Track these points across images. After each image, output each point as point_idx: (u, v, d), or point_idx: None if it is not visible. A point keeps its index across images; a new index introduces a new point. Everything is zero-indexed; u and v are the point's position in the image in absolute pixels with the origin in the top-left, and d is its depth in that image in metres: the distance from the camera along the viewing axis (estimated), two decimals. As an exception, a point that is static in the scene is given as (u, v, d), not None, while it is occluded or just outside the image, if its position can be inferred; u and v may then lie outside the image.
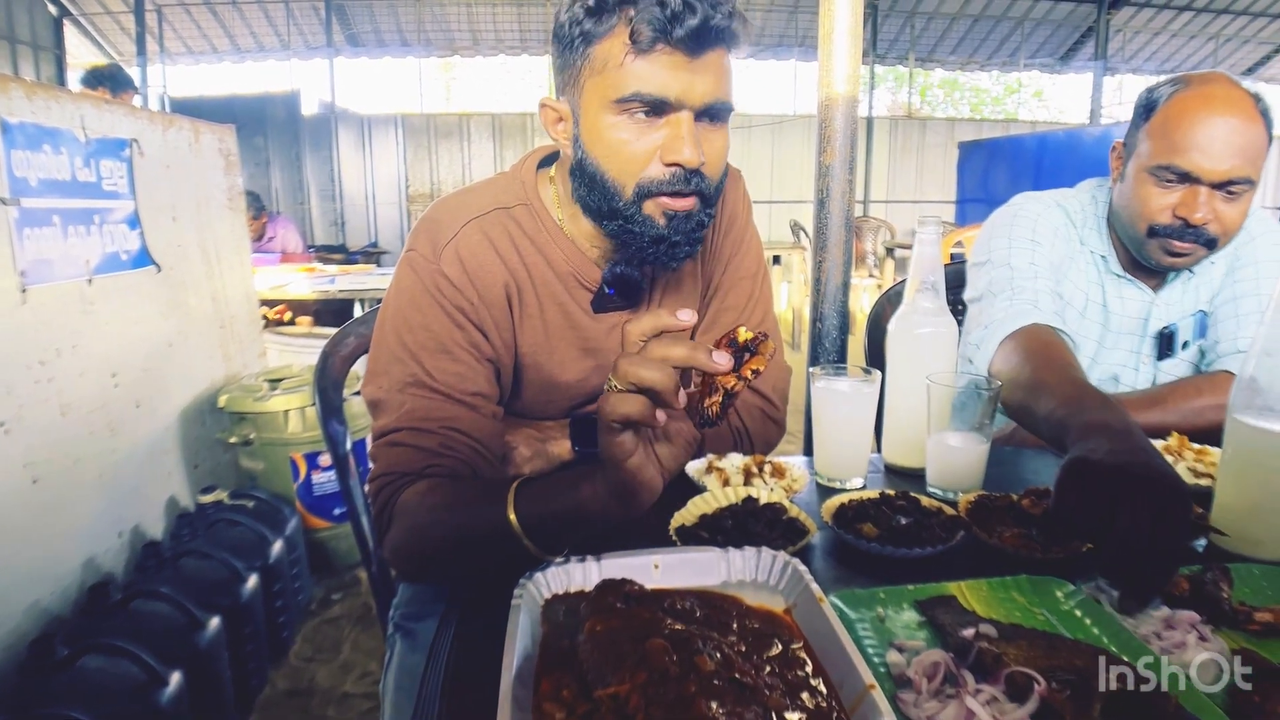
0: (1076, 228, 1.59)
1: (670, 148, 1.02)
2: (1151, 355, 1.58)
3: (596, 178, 1.06)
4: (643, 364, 0.73)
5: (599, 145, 1.04)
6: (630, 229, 1.07)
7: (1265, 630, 0.79)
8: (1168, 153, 1.38)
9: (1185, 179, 1.38)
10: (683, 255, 1.10)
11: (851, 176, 1.64)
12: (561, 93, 1.08)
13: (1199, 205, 1.37)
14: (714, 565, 0.88)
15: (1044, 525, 0.95)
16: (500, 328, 1.12)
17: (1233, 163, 1.34)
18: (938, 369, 1.17)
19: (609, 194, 1.06)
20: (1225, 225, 1.39)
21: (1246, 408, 0.95)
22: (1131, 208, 1.46)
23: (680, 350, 0.73)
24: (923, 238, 1.18)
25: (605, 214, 1.08)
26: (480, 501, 0.94)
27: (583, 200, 1.10)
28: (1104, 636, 0.77)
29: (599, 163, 1.05)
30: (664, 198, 1.05)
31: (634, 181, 1.04)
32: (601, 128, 1.03)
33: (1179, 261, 1.45)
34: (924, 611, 0.82)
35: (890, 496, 1.03)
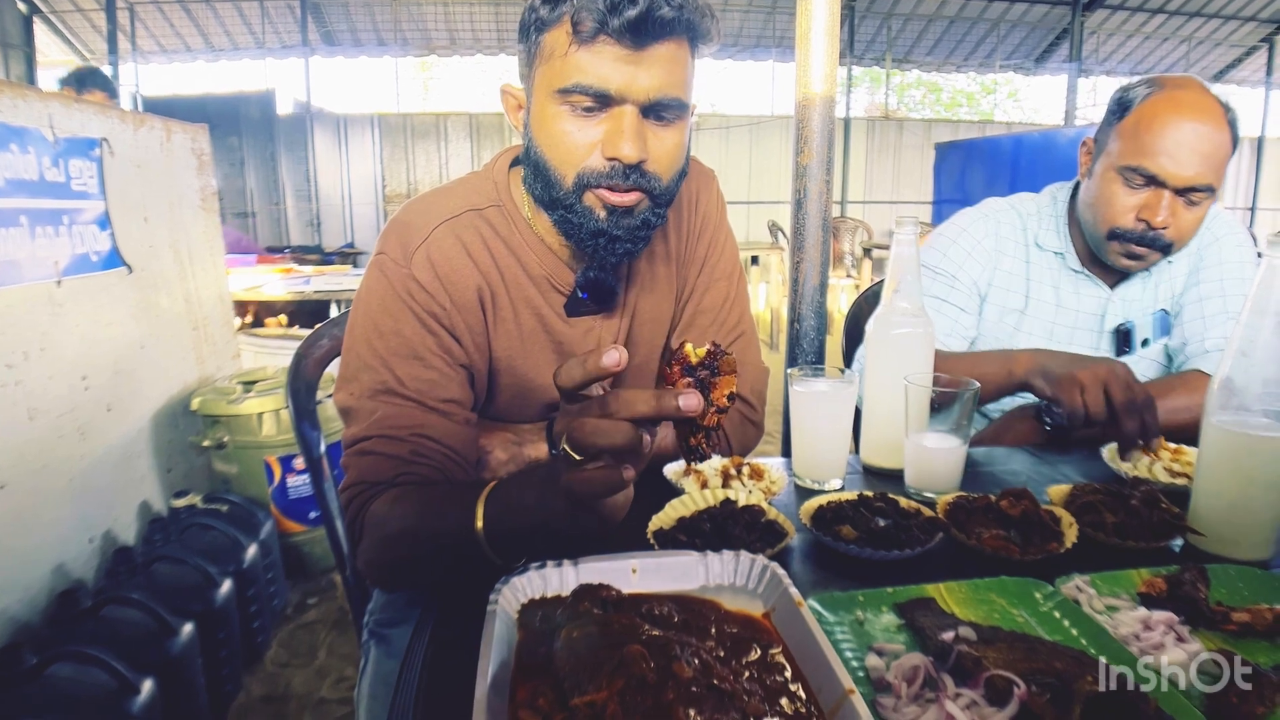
0: (1029, 230, 1.63)
1: (609, 142, 1.00)
2: (1110, 352, 1.60)
3: (540, 165, 1.05)
4: (600, 430, 0.68)
5: (543, 133, 1.04)
6: (570, 219, 1.06)
7: (1242, 630, 0.80)
8: (1137, 154, 1.41)
9: (1151, 182, 1.41)
10: (622, 251, 1.08)
11: (829, 177, 1.64)
12: (522, 80, 1.09)
13: (1161, 209, 1.40)
14: (692, 569, 0.88)
15: (1022, 527, 0.95)
16: (473, 332, 1.10)
17: (1198, 170, 1.37)
18: (915, 369, 1.17)
19: (551, 183, 1.05)
20: (1182, 231, 1.43)
21: (1223, 409, 0.95)
22: (1096, 207, 1.50)
23: (644, 406, 0.68)
24: (900, 238, 1.18)
25: (548, 203, 1.07)
26: (447, 508, 0.92)
27: (530, 188, 1.10)
28: (1082, 638, 0.77)
29: (542, 151, 1.05)
30: (603, 190, 1.03)
31: (574, 172, 1.03)
32: (546, 117, 1.02)
33: (1135, 265, 1.49)
34: (903, 614, 0.82)
35: (869, 498, 1.02)
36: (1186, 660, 0.73)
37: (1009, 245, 1.63)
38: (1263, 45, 13.03)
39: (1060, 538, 0.95)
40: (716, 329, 1.25)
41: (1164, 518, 0.98)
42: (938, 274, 1.63)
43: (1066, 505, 1.03)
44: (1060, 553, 0.93)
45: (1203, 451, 0.99)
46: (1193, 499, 1.01)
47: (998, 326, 1.63)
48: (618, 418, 0.68)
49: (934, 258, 1.65)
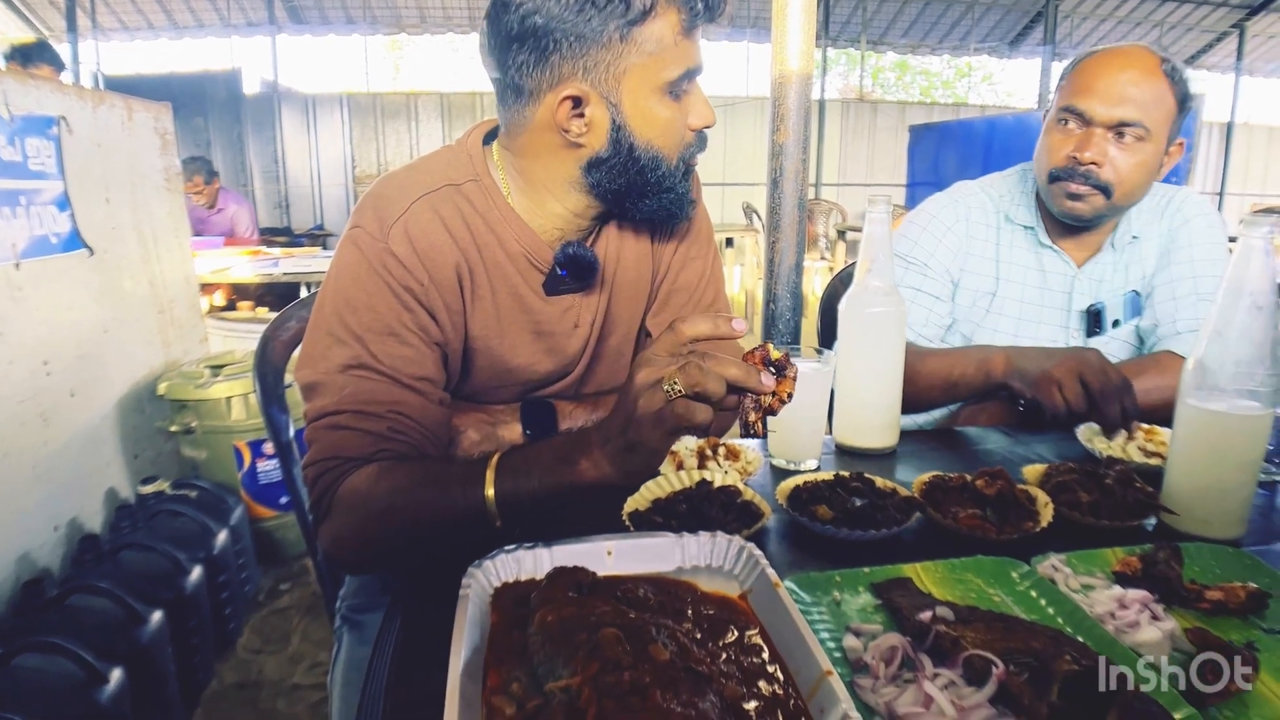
0: (1000, 209, 1.65)
1: (702, 114, 1.07)
2: (1080, 332, 1.61)
3: (647, 159, 1.06)
4: (710, 376, 0.76)
5: (652, 128, 1.04)
6: (670, 196, 1.10)
7: (1216, 608, 0.80)
8: (1068, 97, 1.46)
9: (1081, 121, 1.45)
10: (694, 204, 1.19)
11: (805, 156, 1.63)
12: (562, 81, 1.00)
13: (1090, 145, 1.43)
14: (668, 551, 0.86)
15: (997, 506, 0.95)
16: (450, 310, 1.08)
17: (1124, 107, 1.40)
18: (888, 349, 1.16)
19: (661, 173, 1.07)
20: (1119, 172, 1.44)
21: (1197, 389, 0.95)
22: (1039, 159, 1.54)
23: (737, 370, 0.77)
24: (873, 217, 1.17)
25: (645, 194, 1.09)
26: (450, 480, 0.93)
27: (617, 189, 1.08)
28: (1059, 617, 0.76)
29: (652, 142, 1.05)
30: (694, 158, 1.11)
31: (678, 154, 1.08)
32: (651, 109, 1.03)
33: (1078, 206, 1.49)
34: (880, 594, 0.81)
35: (845, 478, 1.02)
36: (1161, 638, 0.73)
37: (979, 229, 1.63)
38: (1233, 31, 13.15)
39: (1036, 517, 0.95)
40: (693, 306, 1.24)
41: (1138, 497, 0.98)
42: (910, 263, 1.63)
43: (1042, 485, 1.04)
44: (1036, 532, 0.93)
45: (1177, 431, 0.99)
46: (1166, 478, 1.01)
47: (970, 310, 1.63)
48: (716, 372, 0.77)
49: (905, 246, 1.65)
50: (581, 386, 1.23)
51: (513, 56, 1.00)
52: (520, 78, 1.01)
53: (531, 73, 1.00)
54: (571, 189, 1.09)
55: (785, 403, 0.81)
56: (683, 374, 0.76)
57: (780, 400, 0.81)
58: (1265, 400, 0.92)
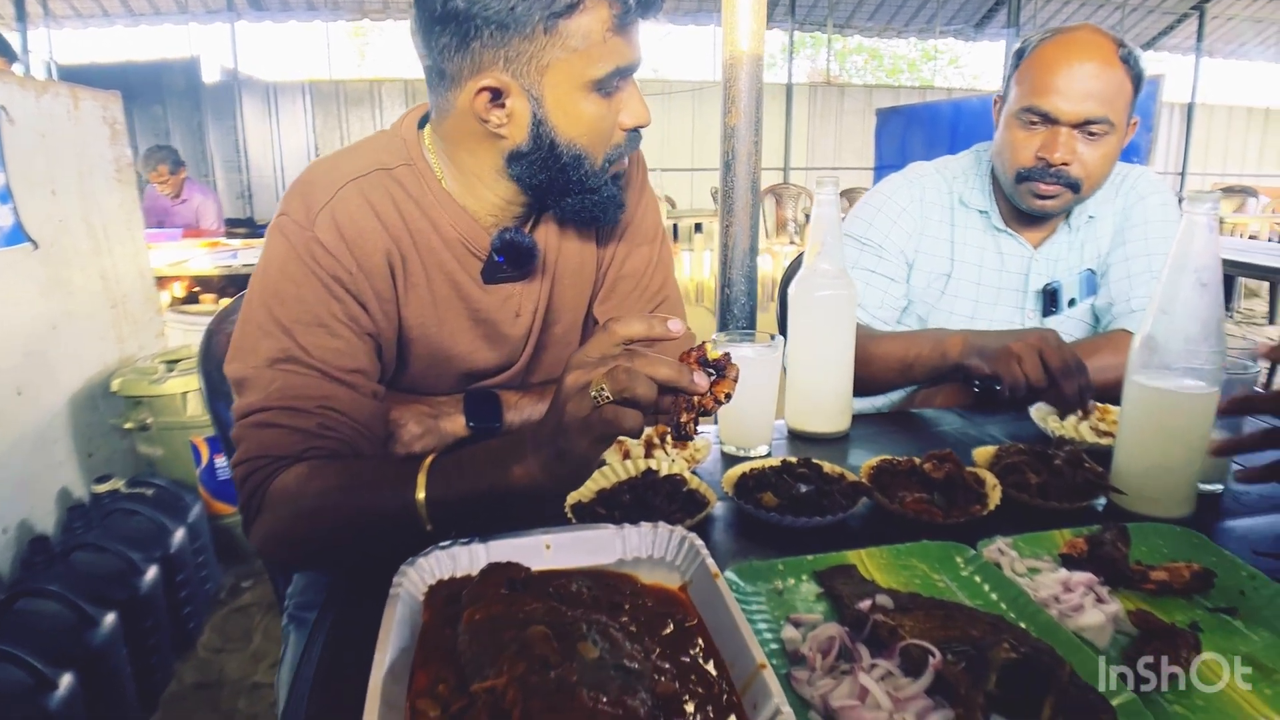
0: (954, 191, 1.63)
1: (636, 112, 1.03)
2: (1036, 311, 1.60)
3: (569, 158, 1.02)
4: (638, 379, 0.73)
5: (575, 126, 1.01)
6: (594, 199, 1.07)
7: (1161, 589, 0.79)
8: (1030, 95, 1.43)
9: (1046, 120, 1.42)
10: (623, 208, 1.14)
11: (757, 138, 1.60)
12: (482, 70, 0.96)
13: (1058, 146, 1.41)
14: (609, 543, 0.84)
15: (945, 489, 0.94)
16: (382, 299, 1.05)
17: (1089, 103, 1.38)
18: (838, 332, 1.15)
19: (584, 172, 1.04)
20: (1087, 167, 1.44)
21: (1144, 368, 0.94)
22: (1003, 155, 1.51)
23: (668, 370, 0.74)
24: (821, 199, 1.15)
25: (568, 192, 1.06)
26: (382, 482, 0.90)
27: (539, 183, 1.05)
28: (1002, 602, 0.75)
29: (575, 142, 1.02)
30: (621, 159, 1.07)
31: (603, 153, 1.04)
32: (575, 105, 0.99)
33: (1048, 205, 1.48)
34: (823, 582, 0.80)
35: (791, 464, 1.00)
36: (1104, 622, 0.71)
37: (934, 209, 1.62)
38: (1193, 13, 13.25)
39: (984, 500, 0.94)
40: (639, 294, 1.22)
41: (1087, 477, 0.97)
42: (864, 245, 1.61)
43: (991, 467, 1.02)
44: (983, 515, 0.91)
45: (1124, 410, 0.98)
46: (1115, 458, 1.00)
47: (926, 292, 1.62)
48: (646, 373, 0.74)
49: (859, 228, 1.63)
50: (528, 376, 1.20)
51: (436, 39, 0.96)
52: (443, 62, 0.98)
53: (453, 57, 0.96)
54: (499, 177, 1.06)
55: (722, 403, 0.79)
56: (609, 378, 0.73)
57: (716, 400, 0.78)
58: (1210, 378, 0.92)
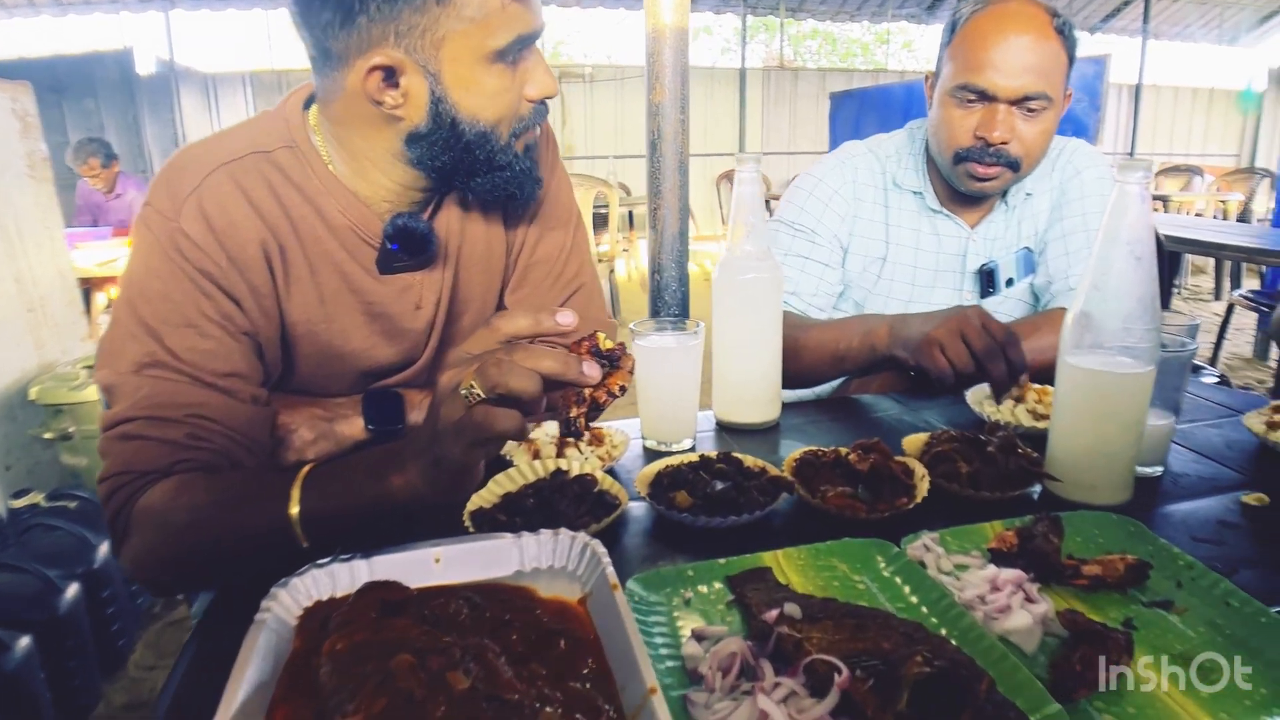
0: (887, 172, 1.57)
1: (541, 83, 0.97)
2: (974, 293, 1.55)
3: (473, 135, 0.95)
4: (514, 372, 0.67)
5: (478, 101, 0.93)
6: (505, 175, 1.00)
7: (1094, 584, 0.74)
8: (965, 72, 1.37)
9: (983, 98, 1.37)
10: (541, 183, 1.07)
11: (683, 116, 1.53)
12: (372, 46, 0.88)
13: (997, 124, 1.36)
14: (505, 553, 0.77)
15: (870, 482, 0.88)
16: (259, 294, 0.96)
17: (1026, 79, 1.33)
18: (764, 316, 1.08)
19: (490, 148, 0.97)
20: (1026, 145, 1.38)
21: (1076, 347, 0.89)
22: (939, 135, 1.45)
23: (552, 362, 0.68)
24: (742, 177, 1.08)
25: (475, 171, 0.99)
26: (253, 495, 0.82)
27: (443, 165, 0.97)
28: (923, 605, 0.69)
29: (478, 118, 0.94)
30: (529, 132, 1.00)
31: (510, 126, 0.97)
32: (478, 80, 0.92)
33: (987, 186, 1.43)
34: (734, 589, 0.73)
35: (710, 459, 0.93)
36: (1031, 624, 0.66)
37: (867, 191, 1.56)
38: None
39: (912, 492, 0.88)
40: (552, 282, 1.14)
41: (1020, 464, 0.92)
42: (797, 230, 1.55)
43: (921, 456, 0.97)
44: (909, 509, 0.85)
45: (1058, 392, 0.93)
46: (1050, 443, 0.95)
47: (862, 276, 1.56)
48: (526, 366, 0.67)
49: (792, 213, 1.56)
50: (434, 373, 1.12)
51: (317, 15, 0.88)
52: (327, 40, 0.89)
53: (338, 35, 0.88)
54: (395, 161, 0.98)
55: (616, 396, 0.73)
56: (479, 375, 0.67)
57: (610, 394, 0.72)
58: (1145, 356, 0.86)
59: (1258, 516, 0.91)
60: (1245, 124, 14.90)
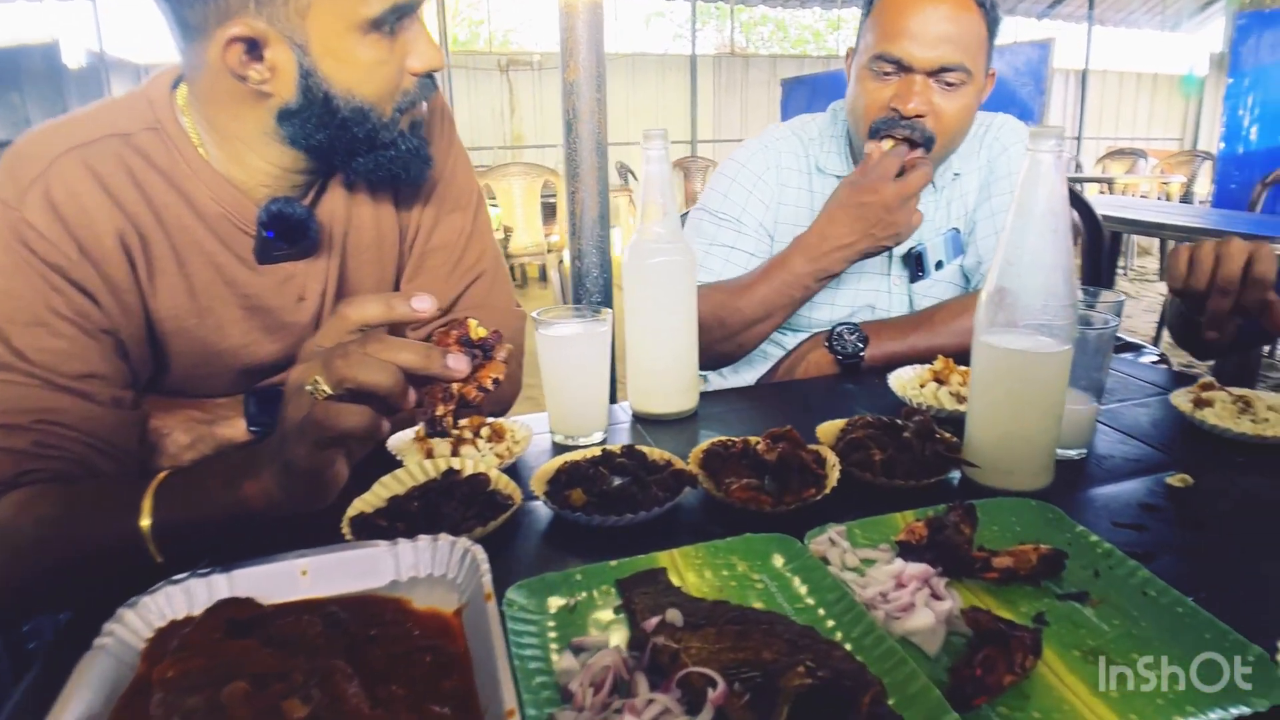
0: (810, 155, 1.52)
1: (425, 54, 0.90)
2: (903, 278, 1.50)
3: (349, 111, 0.88)
4: (365, 365, 0.61)
5: (352, 74, 0.86)
6: (390, 154, 0.93)
7: (1006, 577, 0.69)
8: (881, 42, 1.32)
9: (900, 68, 1.32)
10: (430, 162, 0.99)
11: (600, 94, 1.47)
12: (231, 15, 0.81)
13: (912, 95, 1.30)
14: (379, 562, 0.71)
15: (778, 472, 0.83)
16: (117, 289, 0.88)
17: (944, 49, 1.28)
18: (675, 301, 1.03)
19: (371, 125, 0.90)
20: (942, 120, 1.33)
21: (990, 326, 0.85)
22: (855, 109, 1.40)
23: (411, 355, 0.63)
24: (649, 155, 1.02)
25: (359, 150, 0.92)
26: (104, 507, 0.76)
27: (319, 143, 0.90)
28: (820, 607, 0.64)
29: (354, 93, 0.87)
30: (416, 106, 0.94)
31: (391, 101, 0.90)
32: (351, 51, 0.85)
33: None
34: (624, 593, 0.68)
35: (612, 453, 0.88)
36: (934, 624, 0.61)
37: (791, 175, 1.51)
38: (1087, -20, 13.60)
39: (821, 482, 0.83)
40: (451, 269, 1.08)
41: (937, 450, 0.87)
42: (722, 219, 1.49)
43: (836, 443, 0.92)
44: (817, 500, 0.81)
45: (973, 374, 0.88)
46: (967, 427, 0.91)
47: None
48: (381, 358, 0.62)
49: (715, 201, 1.50)
50: None
51: None
52: (183, 9, 0.82)
53: (194, 4, 0.81)
54: (269, 141, 0.90)
55: (488, 390, 0.67)
56: (325, 369, 0.61)
57: (480, 388, 0.67)
58: (1062, 334, 0.82)
59: (1181, 499, 0.88)
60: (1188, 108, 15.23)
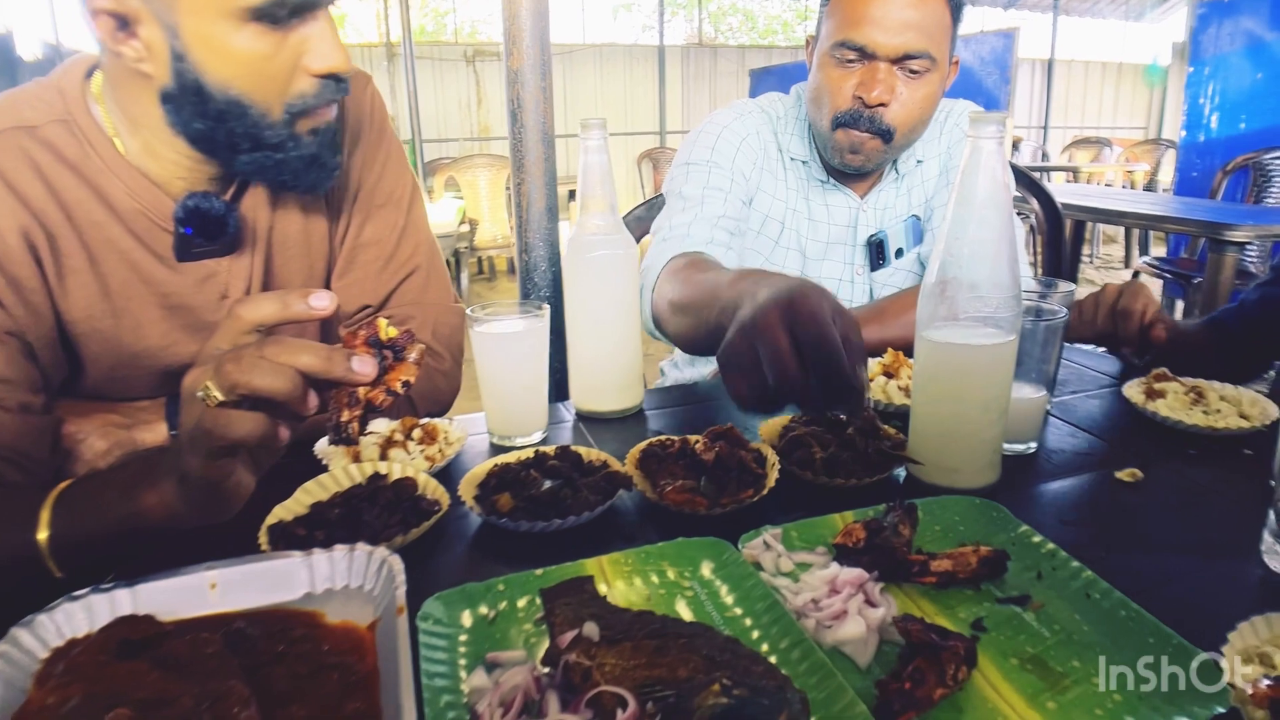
0: (777, 135, 1.47)
1: (324, 54, 0.84)
2: (864, 266, 1.48)
3: (225, 103, 0.82)
4: (258, 369, 0.57)
5: (227, 65, 0.81)
6: (277, 158, 0.87)
7: (944, 580, 0.67)
8: (843, 29, 1.28)
9: (863, 55, 1.28)
10: (334, 172, 0.92)
11: (545, 83, 1.43)
12: None
13: (877, 83, 1.27)
14: (294, 574, 0.68)
15: (714, 473, 0.80)
16: (23, 289, 0.84)
17: (908, 35, 1.25)
18: (619, 295, 1.00)
19: (252, 122, 0.84)
20: (906, 109, 1.30)
21: (932, 319, 0.82)
22: (818, 100, 1.36)
23: (311, 358, 0.59)
24: (588, 145, 0.99)
25: (240, 147, 0.86)
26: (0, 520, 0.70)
27: (199, 134, 0.85)
28: (748, 616, 0.62)
29: (230, 85, 0.81)
30: (320, 110, 0.87)
31: (282, 101, 0.84)
32: (226, 40, 0.79)
33: (855, 159, 1.35)
34: (546, 603, 0.65)
35: (545, 455, 0.85)
36: (864, 634, 0.59)
37: (769, 148, 1.46)
38: (1051, -30, 13.71)
39: (760, 483, 0.80)
40: (383, 266, 1.04)
41: (880, 447, 0.85)
42: (715, 166, 1.40)
43: (778, 441, 0.89)
44: (754, 500, 0.78)
45: (916, 369, 0.86)
46: (911, 425, 0.88)
47: (759, 240, 1.46)
48: (278, 362, 0.58)
49: (702, 154, 1.42)
50: None
51: None
52: None
53: None
54: (170, 129, 0.86)
55: (398, 394, 0.63)
56: (217, 374, 0.57)
57: (388, 392, 0.63)
58: (1007, 326, 0.80)
59: (1130, 494, 0.86)
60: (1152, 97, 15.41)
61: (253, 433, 0.58)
